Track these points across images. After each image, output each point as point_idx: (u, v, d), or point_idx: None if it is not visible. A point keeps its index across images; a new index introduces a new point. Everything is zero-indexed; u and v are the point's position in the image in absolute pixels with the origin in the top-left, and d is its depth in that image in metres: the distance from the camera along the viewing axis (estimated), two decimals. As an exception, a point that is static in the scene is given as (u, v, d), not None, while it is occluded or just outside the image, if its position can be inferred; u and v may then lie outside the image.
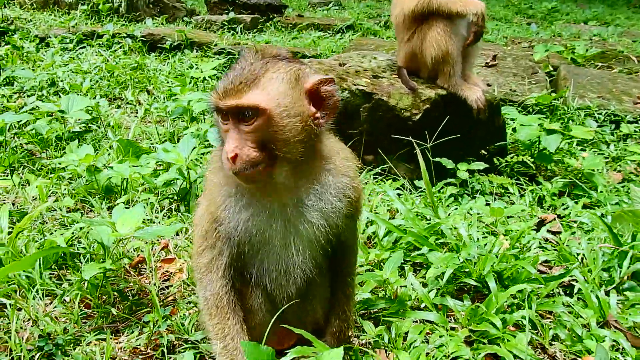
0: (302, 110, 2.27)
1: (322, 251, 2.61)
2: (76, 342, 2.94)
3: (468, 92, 5.16)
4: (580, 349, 2.87)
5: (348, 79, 5.26)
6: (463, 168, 4.97)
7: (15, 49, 8.93)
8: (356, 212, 2.64)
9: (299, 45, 10.53)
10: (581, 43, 9.60)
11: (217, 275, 2.55)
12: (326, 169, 2.48)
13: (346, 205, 2.52)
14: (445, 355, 2.73)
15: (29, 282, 3.31)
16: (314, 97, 2.31)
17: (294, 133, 2.24)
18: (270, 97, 2.21)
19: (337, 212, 2.50)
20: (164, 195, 4.50)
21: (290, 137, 2.24)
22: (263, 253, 2.53)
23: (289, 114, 2.23)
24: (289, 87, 2.25)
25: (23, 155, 5.29)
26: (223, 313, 2.57)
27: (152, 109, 6.73)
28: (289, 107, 2.23)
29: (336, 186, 2.49)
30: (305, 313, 2.79)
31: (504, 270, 3.36)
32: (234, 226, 2.44)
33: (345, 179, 2.53)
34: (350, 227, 2.68)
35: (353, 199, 2.55)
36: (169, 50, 9.59)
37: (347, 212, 2.54)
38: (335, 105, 2.34)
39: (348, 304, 2.81)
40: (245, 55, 2.35)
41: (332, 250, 2.69)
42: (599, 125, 6.47)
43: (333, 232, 2.54)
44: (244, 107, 2.19)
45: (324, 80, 2.30)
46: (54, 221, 4.07)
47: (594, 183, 5.00)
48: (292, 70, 2.29)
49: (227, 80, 2.24)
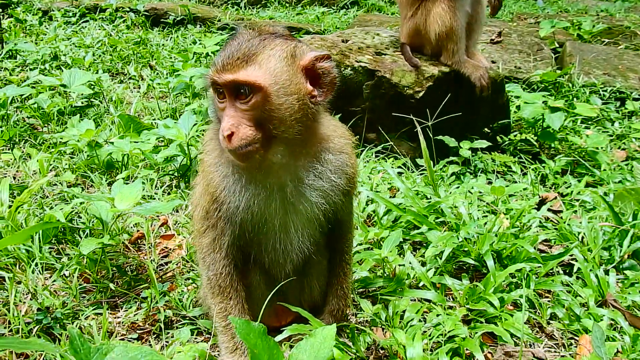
0: (299, 87, 2.24)
1: (320, 229, 2.61)
2: (74, 315, 2.96)
3: (471, 70, 5.10)
4: (578, 328, 2.86)
5: (350, 55, 5.21)
6: (465, 146, 4.94)
7: (18, 22, 8.88)
8: (352, 189, 2.64)
9: (303, 21, 10.43)
10: (588, 19, 9.46)
11: (221, 254, 2.55)
12: (325, 147, 2.47)
13: (345, 182, 2.52)
14: (442, 334, 2.73)
15: (28, 256, 3.32)
16: (310, 74, 2.29)
17: (290, 112, 2.22)
18: (268, 75, 2.19)
19: (336, 190, 2.50)
20: (165, 172, 4.49)
21: (287, 116, 2.22)
22: (262, 232, 2.52)
23: (286, 92, 2.21)
24: (286, 64, 2.23)
25: (25, 129, 5.29)
26: (225, 293, 2.58)
27: (154, 84, 6.69)
28: (286, 84, 2.21)
29: (335, 164, 2.49)
30: (303, 291, 2.80)
31: (503, 250, 3.35)
32: (235, 206, 2.43)
33: (343, 156, 2.52)
34: (347, 204, 2.68)
35: (350, 175, 2.55)
36: (172, 25, 9.51)
37: (345, 189, 2.54)
38: (333, 82, 2.31)
39: (345, 282, 2.81)
40: (242, 31, 2.32)
41: (329, 228, 2.68)
42: (603, 103, 6.39)
43: (332, 210, 2.54)
44: (241, 83, 2.17)
45: (320, 57, 2.27)
46: (54, 196, 4.07)
47: (597, 161, 4.96)
48: (288, 48, 2.27)
49: (225, 55, 2.21)
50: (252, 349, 2.12)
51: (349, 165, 2.54)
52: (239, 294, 2.58)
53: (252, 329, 2.16)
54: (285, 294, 2.71)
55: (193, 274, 3.30)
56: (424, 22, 5.12)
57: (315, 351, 2.25)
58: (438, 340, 2.72)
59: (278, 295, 2.65)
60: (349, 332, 2.73)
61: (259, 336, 2.16)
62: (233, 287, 2.57)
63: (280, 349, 2.16)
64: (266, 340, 2.18)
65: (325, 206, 2.49)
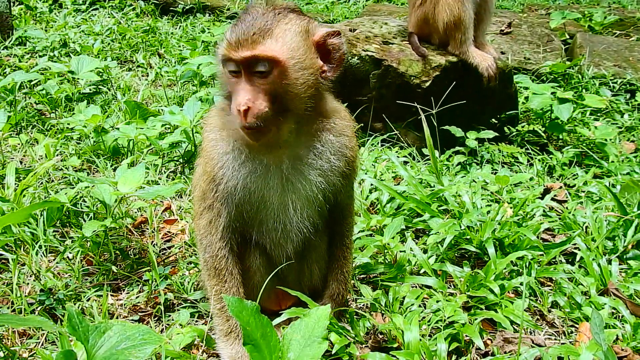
0: (313, 62, 2.27)
1: (319, 210, 2.60)
2: (77, 297, 2.98)
3: (479, 60, 5.06)
4: (579, 316, 2.85)
5: (358, 44, 5.19)
6: (472, 136, 4.91)
7: (29, 9, 8.93)
8: (352, 172, 2.64)
9: (312, 11, 10.39)
10: (599, 10, 9.36)
11: (217, 237, 2.55)
12: (327, 127, 2.47)
13: (344, 165, 2.52)
14: (441, 320, 2.73)
15: (32, 238, 3.35)
16: (321, 50, 2.31)
17: (305, 87, 2.24)
18: (285, 49, 2.19)
19: (335, 171, 2.50)
20: (169, 158, 4.51)
21: (302, 91, 2.24)
22: (262, 212, 2.52)
23: (302, 67, 2.22)
24: (301, 38, 2.24)
25: (32, 114, 5.32)
26: (221, 275, 2.58)
27: (162, 72, 6.70)
28: (302, 59, 2.22)
29: (335, 145, 2.49)
30: (303, 275, 2.79)
31: (505, 238, 3.34)
32: (233, 184, 2.43)
33: (344, 138, 2.52)
34: (347, 188, 2.67)
35: (350, 158, 2.55)
36: (181, 14, 9.51)
37: (345, 171, 2.54)
38: (342, 58, 2.33)
39: (346, 266, 2.81)
40: (255, 6, 2.32)
41: (329, 211, 2.68)
42: (613, 95, 6.34)
43: (331, 191, 2.54)
44: (260, 58, 2.16)
45: (332, 33, 2.29)
46: (59, 180, 4.10)
47: (605, 153, 4.92)
48: (302, 23, 2.28)
49: (240, 31, 2.19)
50: (244, 326, 2.13)
51: (348, 147, 2.53)
52: (235, 277, 2.58)
53: (244, 307, 2.17)
54: (286, 278, 2.71)
55: (195, 258, 3.31)
56: (433, 11, 5.09)
57: (310, 331, 2.25)
58: (437, 326, 2.72)
59: (279, 280, 2.66)
60: (348, 316, 2.74)
61: (252, 314, 2.16)
62: (228, 269, 2.57)
63: (273, 327, 2.17)
64: (259, 318, 2.18)
65: (323, 186, 2.49)
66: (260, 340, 2.21)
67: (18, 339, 2.68)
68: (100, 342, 2.15)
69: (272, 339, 2.25)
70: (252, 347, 2.20)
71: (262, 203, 2.50)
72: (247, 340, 2.19)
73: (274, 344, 2.25)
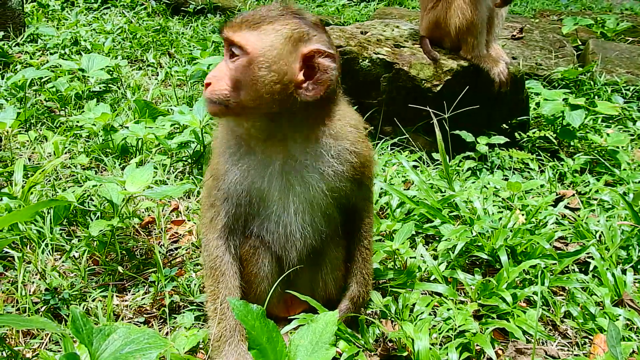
0: (287, 70, 2.23)
1: (326, 215, 2.58)
2: (82, 297, 2.95)
3: (491, 65, 5.01)
4: (593, 327, 2.80)
5: (369, 47, 5.15)
6: (483, 141, 4.85)
7: (41, 7, 8.94)
8: (363, 178, 2.60)
9: (323, 13, 10.35)
10: (612, 17, 9.27)
11: (214, 235, 2.55)
12: (328, 132, 2.45)
13: (349, 169, 2.49)
14: (452, 328, 2.68)
15: (39, 236, 3.32)
16: (308, 65, 2.26)
17: (267, 88, 2.22)
18: (259, 44, 2.22)
19: (339, 176, 2.48)
20: (178, 158, 4.48)
21: (263, 91, 2.23)
22: (263, 213, 2.52)
23: (270, 68, 2.21)
24: (285, 43, 2.23)
25: (42, 112, 5.30)
26: (216, 275, 2.56)
27: (172, 72, 6.68)
28: (273, 61, 2.21)
29: (336, 149, 2.46)
30: (317, 285, 2.74)
31: (517, 245, 3.28)
32: (232, 179, 2.46)
33: (346, 142, 2.49)
34: (361, 193, 2.66)
35: (355, 163, 2.51)
36: (192, 14, 9.50)
37: (352, 176, 2.52)
38: (327, 82, 2.26)
39: (365, 267, 2.77)
40: (276, 2, 2.38)
41: (345, 216, 2.67)
42: (625, 102, 6.25)
43: (336, 197, 2.52)
44: (233, 43, 2.24)
45: (323, 52, 2.24)
46: (67, 178, 4.07)
47: (617, 160, 4.85)
48: (298, 31, 2.25)
49: (240, 15, 2.30)
50: (249, 330, 2.10)
51: (351, 152, 2.50)
52: (228, 278, 2.55)
53: (250, 311, 2.13)
54: (296, 286, 2.67)
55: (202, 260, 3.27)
56: (445, 14, 5.04)
57: (317, 336, 2.22)
58: (448, 334, 2.67)
59: (290, 288, 2.63)
60: (358, 323, 2.69)
61: (257, 318, 2.13)
62: (221, 270, 2.54)
63: (280, 332, 2.13)
64: (265, 322, 2.15)
65: (325, 190, 2.47)
66: (266, 345, 2.17)
67: (22, 339, 2.65)
68: (105, 345, 2.11)
69: (278, 344, 2.21)
70: (258, 353, 2.16)
71: (263, 203, 2.50)
72: (252, 344, 2.16)
73: (280, 349, 2.21)
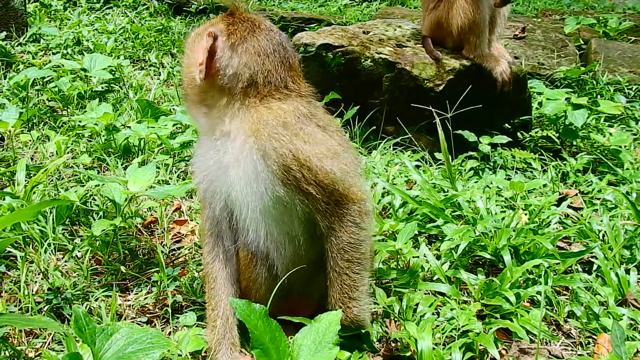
0: (194, 61, 2.47)
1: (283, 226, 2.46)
2: (85, 297, 2.95)
3: (494, 64, 5.01)
4: (596, 327, 2.79)
5: (371, 47, 5.14)
6: (485, 141, 4.84)
7: (43, 7, 8.94)
8: (300, 183, 2.33)
9: (325, 13, 10.35)
10: (614, 16, 9.26)
11: (204, 241, 2.57)
12: (252, 129, 2.35)
13: (273, 171, 2.32)
14: (455, 328, 2.68)
15: (41, 236, 3.32)
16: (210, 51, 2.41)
17: (186, 81, 2.56)
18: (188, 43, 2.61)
19: (264, 178, 2.33)
20: (180, 157, 4.48)
21: (186, 81, 2.56)
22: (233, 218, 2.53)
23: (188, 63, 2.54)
24: (198, 38, 2.52)
25: (45, 111, 5.31)
26: (208, 282, 2.58)
27: (174, 71, 6.69)
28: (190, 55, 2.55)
29: (258, 147, 2.33)
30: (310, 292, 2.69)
31: (520, 245, 3.27)
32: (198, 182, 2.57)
33: (268, 143, 2.32)
34: (309, 203, 2.39)
35: (281, 164, 2.31)
36: (194, 14, 9.49)
37: (282, 180, 2.33)
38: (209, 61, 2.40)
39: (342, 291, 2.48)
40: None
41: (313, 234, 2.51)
42: (628, 101, 6.24)
43: (277, 203, 2.38)
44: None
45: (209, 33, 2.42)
46: (69, 178, 4.07)
47: (620, 160, 4.84)
48: (211, 23, 2.56)
49: None
50: (252, 330, 2.10)
51: (272, 149, 2.31)
52: (219, 284, 2.55)
53: (252, 310, 2.13)
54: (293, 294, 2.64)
55: (204, 260, 3.27)
56: (447, 14, 5.04)
57: (320, 336, 2.22)
58: (451, 334, 2.66)
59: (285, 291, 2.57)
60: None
61: (260, 317, 2.13)
62: (212, 277, 2.56)
63: (282, 332, 2.13)
64: (267, 322, 2.15)
65: (261, 196, 2.35)
66: (269, 345, 2.18)
67: (24, 338, 2.65)
68: (107, 345, 2.12)
69: (281, 344, 2.21)
70: (261, 352, 2.17)
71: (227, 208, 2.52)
72: (255, 344, 2.16)
73: (283, 349, 2.21)
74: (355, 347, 2.55)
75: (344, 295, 2.48)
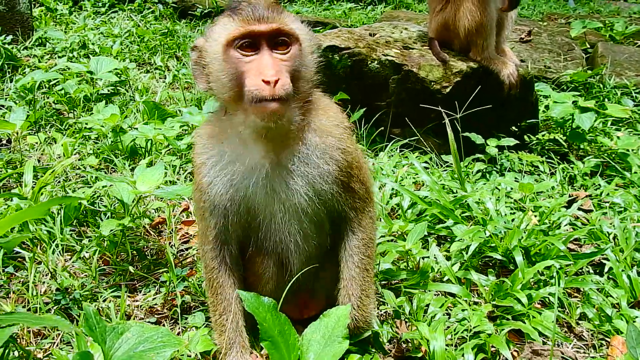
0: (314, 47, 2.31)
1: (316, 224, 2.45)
2: (93, 297, 2.93)
3: (501, 67, 5.00)
4: (609, 329, 2.76)
5: (378, 49, 5.13)
6: (492, 144, 4.83)
7: (49, 11, 8.97)
8: (351, 181, 2.41)
9: (330, 17, 10.36)
10: (620, 20, 9.25)
11: (208, 247, 2.49)
12: (312, 127, 2.33)
13: (335, 170, 2.34)
14: (467, 329, 2.65)
15: (49, 236, 3.31)
16: None
17: (312, 71, 2.26)
18: (302, 28, 2.24)
19: (326, 178, 2.33)
20: (188, 158, 4.47)
21: (310, 75, 2.26)
22: (252, 221, 2.43)
23: (311, 50, 2.27)
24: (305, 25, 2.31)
25: (51, 114, 5.30)
26: (214, 287, 2.52)
27: (180, 74, 6.69)
28: (311, 43, 2.27)
29: (322, 147, 2.32)
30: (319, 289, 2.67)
31: (531, 246, 3.25)
32: (217, 192, 2.34)
33: (331, 139, 2.35)
34: (349, 200, 2.44)
35: (342, 162, 2.35)
36: (199, 18, 9.52)
37: (338, 178, 2.35)
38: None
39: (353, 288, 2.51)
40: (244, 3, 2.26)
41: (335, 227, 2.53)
42: (635, 105, 6.22)
43: (322, 201, 2.37)
44: (284, 32, 2.15)
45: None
46: (77, 179, 4.07)
47: (628, 163, 4.81)
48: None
49: (256, 9, 2.16)
50: (261, 322, 2.09)
51: (338, 149, 2.34)
52: (227, 290, 2.50)
53: (261, 303, 2.12)
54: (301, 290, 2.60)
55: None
56: (454, 16, 5.03)
57: (330, 330, 2.21)
58: (463, 335, 2.64)
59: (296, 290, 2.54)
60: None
61: (269, 310, 2.12)
62: (219, 282, 2.50)
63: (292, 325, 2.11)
64: (276, 315, 2.14)
65: (312, 195, 2.32)
66: (278, 338, 2.17)
67: (33, 339, 2.63)
68: (118, 344, 2.10)
69: (290, 337, 2.20)
70: (270, 344, 2.16)
71: (250, 213, 2.40)
72: (264, 336, 2.15)
73: (293, 342, 2.20)
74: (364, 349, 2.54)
75: (362, 293, 2.51)
